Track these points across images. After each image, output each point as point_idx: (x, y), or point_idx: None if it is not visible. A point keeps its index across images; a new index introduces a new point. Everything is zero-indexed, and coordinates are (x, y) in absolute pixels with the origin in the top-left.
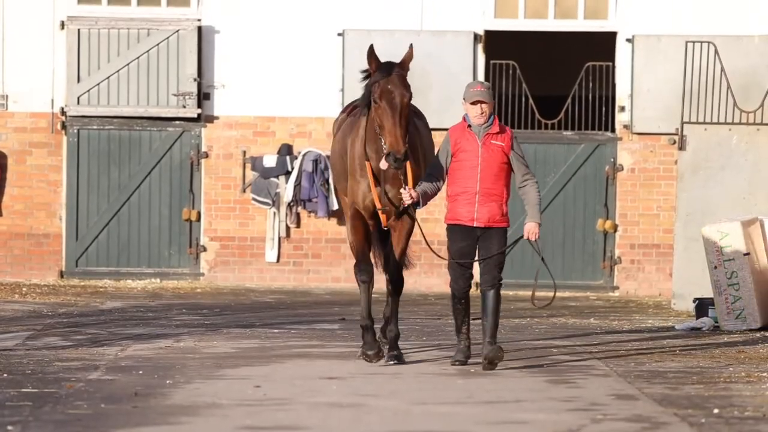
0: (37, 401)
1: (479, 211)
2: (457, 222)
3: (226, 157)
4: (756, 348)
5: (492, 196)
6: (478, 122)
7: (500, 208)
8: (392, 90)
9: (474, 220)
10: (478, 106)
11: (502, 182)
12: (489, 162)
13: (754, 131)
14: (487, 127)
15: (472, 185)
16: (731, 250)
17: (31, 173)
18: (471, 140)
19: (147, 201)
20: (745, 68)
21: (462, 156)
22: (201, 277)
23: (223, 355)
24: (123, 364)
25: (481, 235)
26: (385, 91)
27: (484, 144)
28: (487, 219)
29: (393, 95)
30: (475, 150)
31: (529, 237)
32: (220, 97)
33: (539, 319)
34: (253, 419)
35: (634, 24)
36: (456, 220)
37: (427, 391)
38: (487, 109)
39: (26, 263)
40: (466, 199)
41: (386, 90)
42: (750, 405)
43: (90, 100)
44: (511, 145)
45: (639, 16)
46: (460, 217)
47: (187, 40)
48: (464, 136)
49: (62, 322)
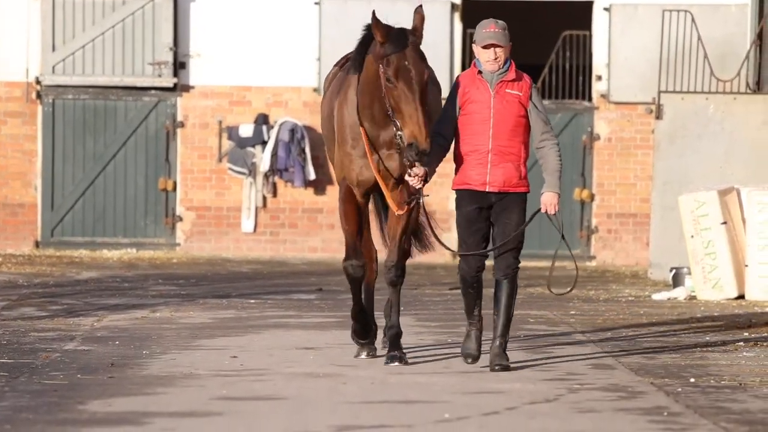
0: (13, 371)
1: (492, 173)
2: (466, 186)
3: (202, 126)
4: (732, 317)
5: (507, 155)
6: (490, 68)
7: (517, 169)
8: (410, 67)
9: (486, 184)
10: (491, 50)
11: (519, 139)
12: (503, 115)
13: (730, 100)
14: (502, 73)
15: (484, 143)
16: (708, 219)
17: (5, 143)
18: (482, 89)
19: (123, 171)
20: (721, 37)
21: (471, 108)
22: (177, 247)
23: (199, 325)
24: (99, 335)
25: (496, 202)
26: (402, 69)
27: (497, 93)
28: (502, 182)
29: (411, 74)
30: (486, 101)
31: (547, 210)
32: (195, 66)
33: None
34: (230, 389)
35: None
36: (465, 185)
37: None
38: (502, 53)
39: (1, 233)
40: (477, 159)
41: (402, 67)
42: (726, 374)
43: (65, 69)
44: (529, 95)
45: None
46: (469, 181)
47: (163, 9)
48: (474, 84)
49: (38, 292)
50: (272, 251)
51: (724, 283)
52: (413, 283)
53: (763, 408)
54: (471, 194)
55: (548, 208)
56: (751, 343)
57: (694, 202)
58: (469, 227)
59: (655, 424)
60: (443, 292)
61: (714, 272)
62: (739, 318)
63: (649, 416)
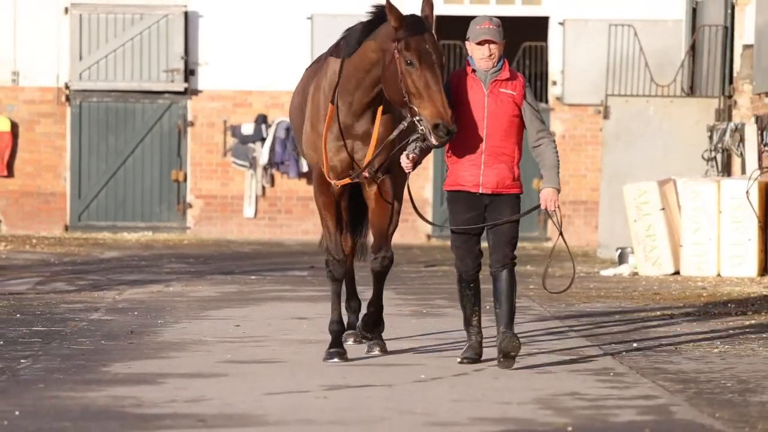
0: (46, 338)
1: (486, 174)
2: (459, 188)
3: (209, 125)
4: (669, 290)
5: (501, 156)
6: (485, 66)
7: (511, 170)
8: (431, 51)
9: (480, 185)
10: (486, 46)
11: (512, 139)
12: (497, 114)
13: (668, 102)
14: (496, 72)
15: (477, 143)
16: (649, 206)
17: (39, 140)
18: (476, 88)
19: (140, 164)
20: (660, 48)
21: (465, 107)
22: (187, 231)
23: (207, 298)
24: (120, 306)
25: (489, 204)
26: (423, 52)
27: (491, 92)
28: (496, 184)
29: (433, 57)
30: (480, 100)
31: (547, 206)
32: (203, 73)
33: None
34: (234, 354)
35: (565, 9)
36: (458, 186)
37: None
38: (497, 50)
39: (35, 218)
40: (470, 160)
41: (424, 50)
42: (664, 339)
43: (90, 75)
44: (523, 94)
45: (569, 2)
46: (462, 182)
47: (175, 24)
48: (467, 82)
49: (67, 269)
50: (270, 234)
51: (662, 261)
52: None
53: (696, 368)
54: (464, 196)
55: (548, 204)
56: (685, 313)
57: (637, 191)
58: (465, 232)
59: (602, 383)
60: (419, 270)
61: (653, 251)
62: (674, 291)
63: (597, 376)
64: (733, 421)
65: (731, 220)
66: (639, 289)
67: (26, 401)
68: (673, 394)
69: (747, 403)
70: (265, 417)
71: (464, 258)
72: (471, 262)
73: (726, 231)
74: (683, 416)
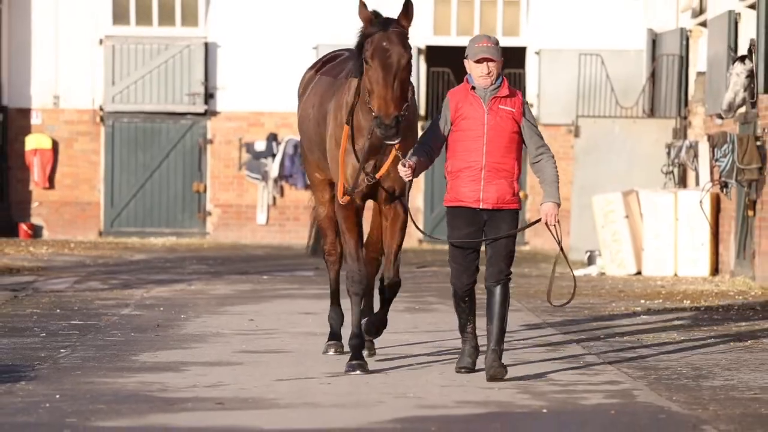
0: (83, 330)
1: (486, 190)
2: (458, 203)
3: (227, 143)
4: (632, 288)
5: (501, 172)
6: (483, 84)
7: (510, 186)
8: (388, 48)
9: (480, 201)
10: (484, 64)
11: (512, 155)
12: (497, 131)
13: (631, 123)
14: (495, 89)
15: (478, 159)
16: (614, 214)
17: (77, 155)
18: (475, 105)
19: (165, 177)
20: (624, 75)
21: (464, 124)
22: (207, 236)
23: (224, 295)
24: (147, 303)
25: (489, 219)
26: (379, 49)
27: (491, 109)
28: (496, 199)
29: (389, 54)
30: (480, 117)
31: (547, 221)
32: (221, 96)
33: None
34: (248, 345)
35: (540, 40)
36: (458, 202)
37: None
38: (495, 68)
39: (73, 225)
40: (470, 175)
41: (380, 48)
42: (627, 332)
43: (122, 99)
44: (522, 111)
45: (544, 34)
46: (462, 198)
47: (196, 53)
48: (467, 100)
49: (101, 270)
50: (280, 239)
51: (626, 263)
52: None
53: (656, 357)
54: (464, 212)
55: (548, 219)
56: (646, 308)
57: (604, 201)
58: (463, 250)
59: (573, 369)
60: (412, 270)
61: (618, 254)
62: (636, 289)
63: (569, 364)
64: (688, 403)
65: (686, 226)
66: (606, 287)
67: (65, 386)
68: (636, 379)
69: (700, 387)
70: (276, 400)
71: (460, 275)
72: (466, 279)
73: (682, 236)
74: (644, 399)
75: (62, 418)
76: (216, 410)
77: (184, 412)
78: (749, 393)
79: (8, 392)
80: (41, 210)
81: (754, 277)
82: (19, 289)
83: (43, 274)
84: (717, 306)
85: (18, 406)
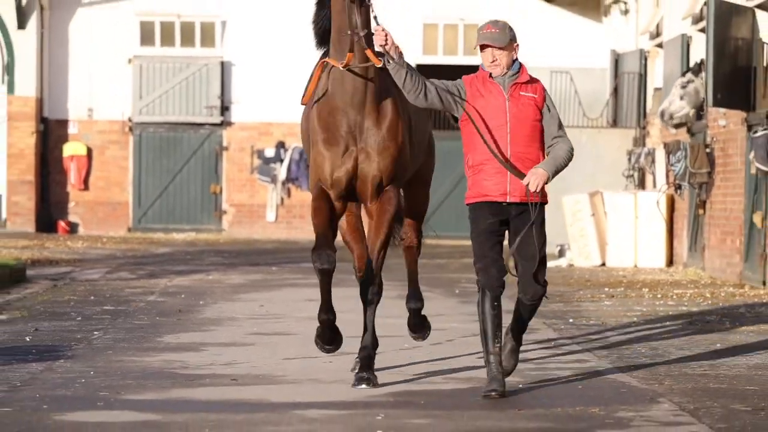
0: (114, 315)
1: (513, 181)
2: (483, 199)
3: (240, 149)
4: (597, 278)
5: (526, 162)
6: (494, 72)
7: None
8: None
9: (507, 194)
10: (489, 52)
11: (536, 144)
12: (520, 119)
13: (597, 132)
14: (514, 75)
15: (501, 150)
16: (582, 213)
17: (108, 161)
18: (495, 92)
19: (186, 180)
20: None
21: (484, 112)
22: (223, 232)
23: (238, 284)
24: (171, 291)
25: (516, 216)
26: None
27: (511, 96)
28: (524, 192)
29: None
30: (501, 104)
31: (529, 185)
32: (236, 109)
33: (452, 260)
34: (259, 328)
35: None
36: (482, 197)
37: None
38: (501, 55)
39: (105, 222)
40: (495, 167)
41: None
42: (593, 316)
43: (148, 111)
44: (544, 98)
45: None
46: (487, 192)
47: (213, 71)
48: (485, 86)
49: (129, 262)
50: (288, 234)
51: (592, 255)
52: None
53: (617, 338)
54: (489, 207)
55: (530, 180)
56: (609, 295)
57: (573, 201)
58: (489, 239)
59: (546, 350)
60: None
61: (585, 248)
62: (601, 278)
63: (540, 345)
64: (646, 379)
65: (645, 223)
66: (574, 277)
67: (98, 364)
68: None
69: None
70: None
71: (488, 268)
72: (495, 272)
73: (641, 232)
74: (608, 376)
75: (96, 392)
76: (231, 385)
77: (202, 387)
78: (699, 369)
79: (49, 369)
80: (77, 209)
81: (704, 267)
82: (58, 279)
83: (79, 266)
84: (672, 293)
85: (57, 381)
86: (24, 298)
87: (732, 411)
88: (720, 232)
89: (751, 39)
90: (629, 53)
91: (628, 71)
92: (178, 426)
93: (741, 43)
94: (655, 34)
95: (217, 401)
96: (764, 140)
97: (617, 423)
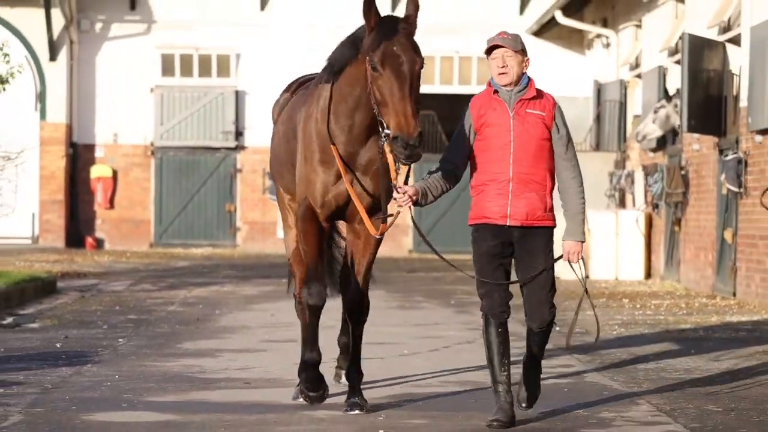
0: (137, 323)
1: (514, 204)
2: (485, 221)
3: (253, 171)
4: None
5: (531, 183)
6: (503, 81)
7: (542, 200)
8: (399, 54)
9: (507, 216)
10: (500, 57)
11: (543, 165)
12: (525, 138)
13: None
14: (520, 91)
15: (504, 170)
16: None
17: (132, 182)
18: (500, 110)
19: (204, 199)
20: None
21: (489, 132)
22: (237, 247)
23: (251, 295)
24: (189, 301)
25: (519, 238)
26: (389, 55)
27: (517, 114)
28: (525, 215)
29: (401, 60)
30: (505, 123)
31: (570, 259)
32: (249, 134)
33: (448, 273)
34: (270, 335)
35: None
36: (483, 219)
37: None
38: (512, 61)
39: (129, 238)
40: (497, 189)
41: (391, 54)
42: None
43: (168, 136)
44: (553, 116)
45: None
46: (488, 214)
47: (228, 99)
48: (490, 105)
49: (151, 275)
50: None
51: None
52: (382, 268)
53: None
54: (490, 229)
55: (571, 257)
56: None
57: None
58: (490, 263)
59: None
60: (403, 275)
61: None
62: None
63: None
64: (626, 382)
65: (625, 239)
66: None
67: (123, 368)
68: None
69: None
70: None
71: (491, 293)
72: (499, 297)
73: (622, 247)
74: (591, 379)
75: (120, 394)
76: (244, 388)
77: (218, 390)
78: (675, 374)
79: (77, 373)
80: (103, 226)
81: (680, 280)
82: (86, 290)
83: (104, 278)
84: (650, 304)
85: (85, 384)
86: (55, 308)
87: (705, 411)
88: (694, 248)
89: (722, 70)
90: (610, 83)
91: (610, 99)
92: (196, 426)
93: (713, 74)
94: (634, 66)
95: (232, 403)
96: (734, 163)
97: (600, 423)
